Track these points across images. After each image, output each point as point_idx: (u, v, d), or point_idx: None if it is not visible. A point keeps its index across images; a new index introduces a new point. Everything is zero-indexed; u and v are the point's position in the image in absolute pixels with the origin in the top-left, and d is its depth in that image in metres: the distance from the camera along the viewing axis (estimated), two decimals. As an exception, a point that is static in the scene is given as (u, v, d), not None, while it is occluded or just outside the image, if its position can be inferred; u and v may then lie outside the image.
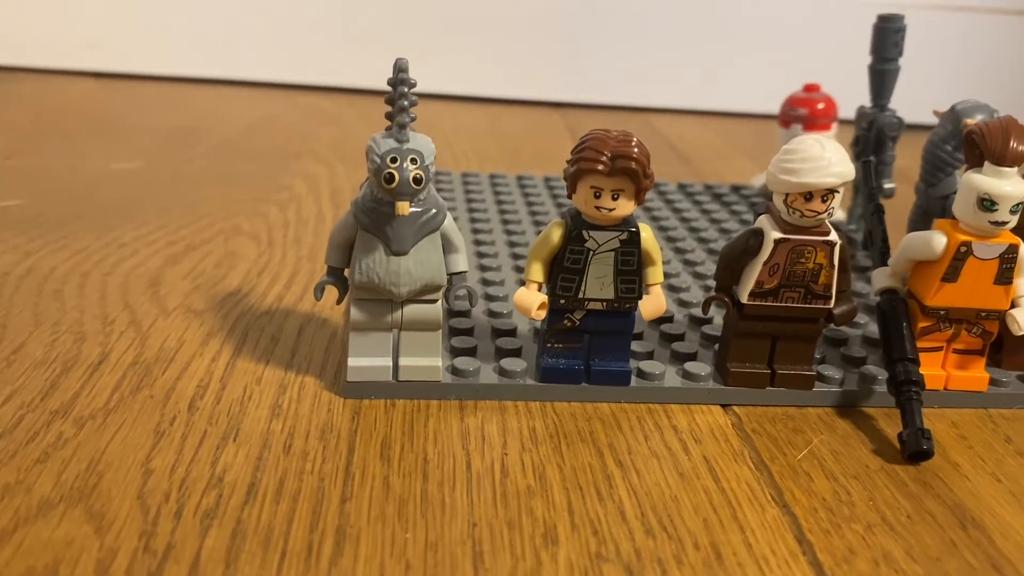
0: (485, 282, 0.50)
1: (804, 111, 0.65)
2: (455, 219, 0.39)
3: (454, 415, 0.39)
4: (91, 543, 0.29)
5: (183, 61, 1.07)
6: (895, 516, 0.34)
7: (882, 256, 0.46)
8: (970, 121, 0.50)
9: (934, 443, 0.38)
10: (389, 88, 0.36)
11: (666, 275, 0.53)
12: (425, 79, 1.06)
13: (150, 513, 0.31)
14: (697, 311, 0.48)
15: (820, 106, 0.65)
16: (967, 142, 0.40)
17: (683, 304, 0.49)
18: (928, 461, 0.38)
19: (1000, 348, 0.45)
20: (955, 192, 0.40)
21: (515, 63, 1.08)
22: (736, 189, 0.73)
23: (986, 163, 0.39)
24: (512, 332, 0.44)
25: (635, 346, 0.43)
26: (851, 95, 0.64)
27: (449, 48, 1.06)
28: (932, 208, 0.51)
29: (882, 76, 0.59)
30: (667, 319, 0.47)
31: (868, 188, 0.48)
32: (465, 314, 0.46)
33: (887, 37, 0.58)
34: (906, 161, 0.62)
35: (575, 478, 0.35)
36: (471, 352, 0.42)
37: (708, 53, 1.07)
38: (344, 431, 0.37)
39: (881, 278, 0.43)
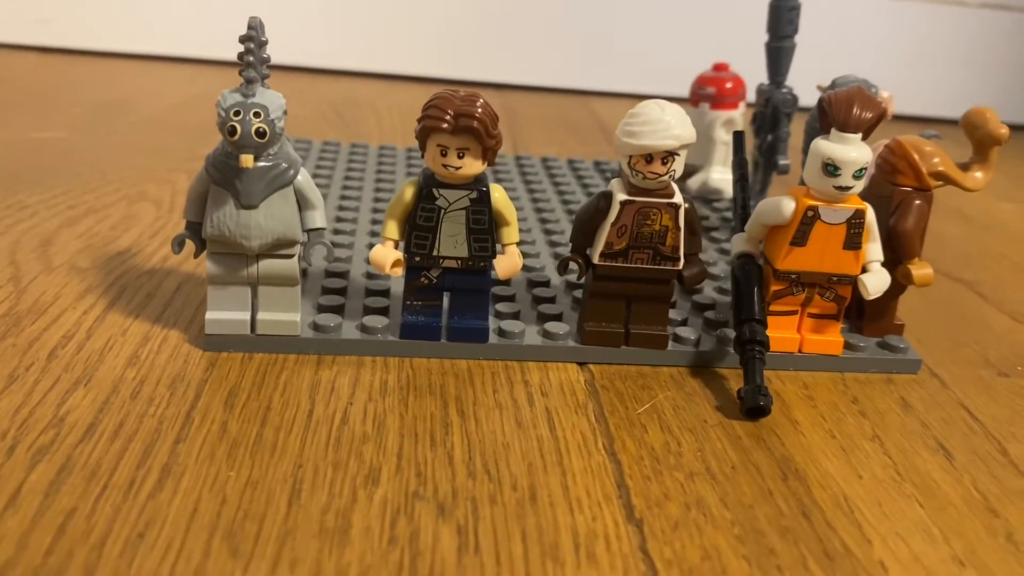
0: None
1: (712, 90, 0.66)
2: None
3: (309, 368, 0.40)
4: (-86, 474, 0.30)
5: (125, 38, 1.07)
6: (720, 467, 0.36)
7: (742, 222, 0.47)
8: (822, 86, 0.51)
9: (772, 400, 0.39)
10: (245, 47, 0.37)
11: (557, 244, 0.54)
12: (367, 58, 1.06)
13: (-18, 449, 0.32)
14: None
15: (728, 85, 0.66)
16: (819, 111, 0.41)
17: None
18: (768, 418, 0.39)
19: (863, 315, 0.46)
20: None
21: (457, 43, 1.08)
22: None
23: (832, 130, 0.40)
24: (385, 292, 0.45)
25: (502, 307, 0.44)
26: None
27: (387, 27, 1.06)
28: None
29: (778, 53, 0.60)
30: (542, 283, 0.48)
31: (735, 158, 0.50)
32: (343, 275, 0.46)
33: (782, 15, 0.59)
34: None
35: (413, 426, 0.36)
36: (337, 310, 0.43)
37: (647, 38, 1.08)
38: (195, 380, 0.38)
39: (738, 243, 0.44)
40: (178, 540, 0.29)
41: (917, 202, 0.43)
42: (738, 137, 0.50)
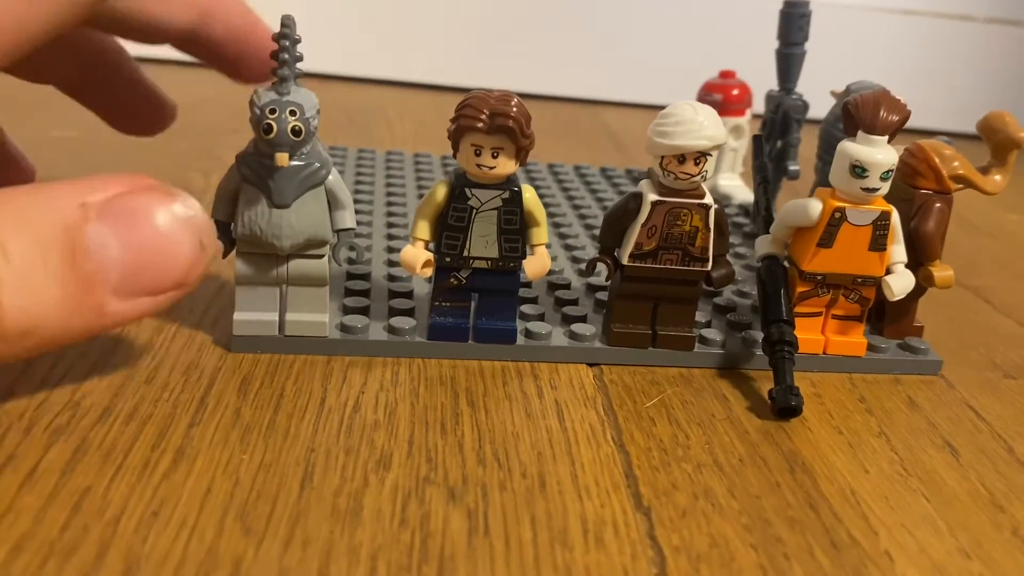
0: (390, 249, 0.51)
1: (718, 96, 0.65)
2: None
3: (322, 359, 0.40)
4: (-67, 451, 0.31)
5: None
6: (727, 459, 0.36)
7: (765, 224, 0.48)
8: (836, 92, 0.51)
9: (803, 400, 0.39)
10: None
11: (573, 248, 0.54)
12: (378, 65, 1.07)
13: (0, 429, 0.32)
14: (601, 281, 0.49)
15: (735, 92, 0.65)
16: (844, 114, 0.42)
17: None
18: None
19: (883, 317, 0.46)
20: None
21: (469, 51, 1.09)
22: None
23: (859, 132, 0.40)
24: (408, 294, 0.45)
25: (527, 308, 0.44)
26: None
27: (398, 35, 1.07)
28: (828, 184, 0.53)
29: (788, 60, 0.60)
30: (564, 285, 0.48)
31: (756, 162, 0.50)
32: (365, 277, 0.47)
33: (792, 22, 0.59)
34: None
35: (424, 415, 0.37)
36: (363, 311, 0.43)
37: (658, 48, 1.09)
38: (208, 368, 0.38)
39: (763, 245, 0.44)
40: (192, 518, 0.29)
41: (938, 205, 0.44)
42: (757, 141, 0.50)
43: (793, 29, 0.59)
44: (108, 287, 0.28)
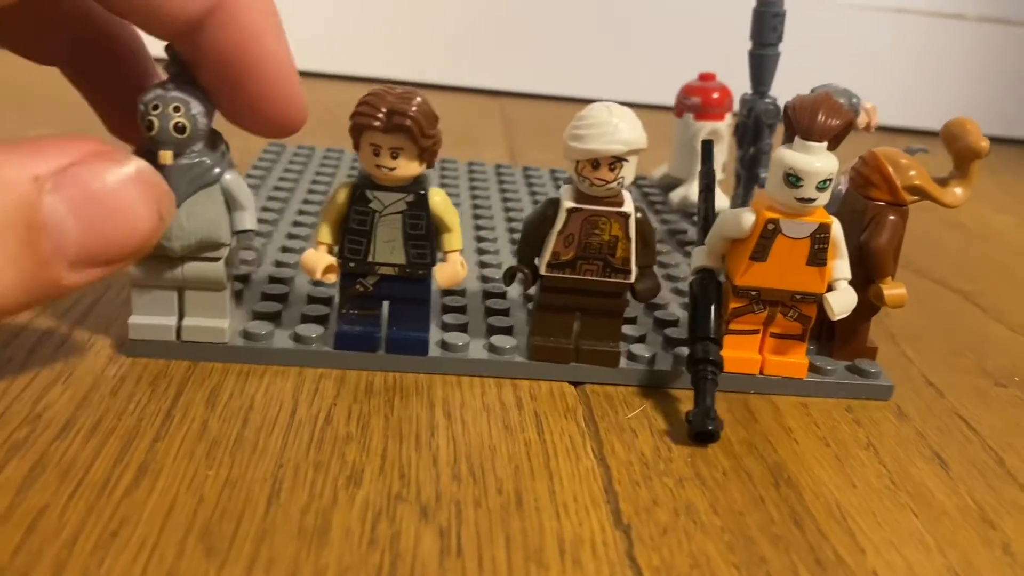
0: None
1: (697, 99, 0.63)
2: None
3: (293, 370, 0.39)
4: None
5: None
6: (710, 473, 0.35)
7: (704, 235, 0.45)
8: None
9: (722, 424, 0.36)
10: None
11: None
12: (363, 63, 1.06)
13: (-46, 444, 0.31)
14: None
15: (715, 95, 0.63)
16: (785, 118, 0.39)
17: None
18: (761, 425, 0.39)
19: (833, 336, 0.43)
20: None
21: (457, 50, 1.08)
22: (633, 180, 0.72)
23: (796, 138, 0.38)
24: (327, 300, 0.43)
25: (449, 318, 0.42)
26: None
27: (383, 32, 1.06)
28: None
29: (761, 62, 0.57)
30: (498, 295, 0.46)
31: (703, 167, 0.47)
32: (287, 281, 0.45)
33: (765, 21, 0.56)
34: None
35: (398, 427, 0.35)
36: (273, 317, 0.41)
37: (646, 46, 1.08)
38: (176, 378, 0.37)
39: (699, 257, 0.41)
40: (152, 539, 0.28)
41: (891, 218, 0.41)
42: (706, 146, 0.47)
43: (766, 29, 0.57)
44: (65, 263, 0.27)
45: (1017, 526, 0.34)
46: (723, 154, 0.63)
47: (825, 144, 0.37)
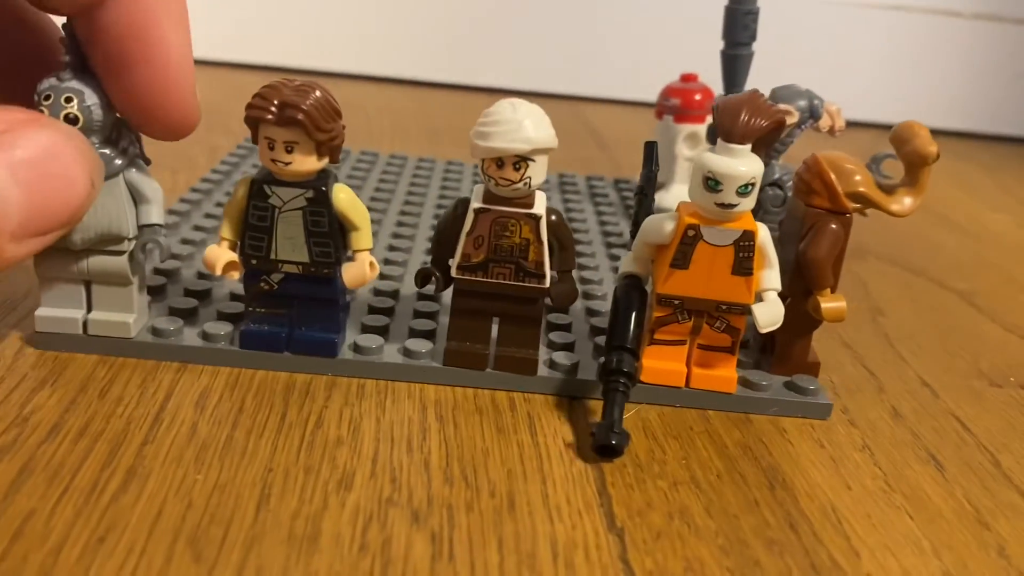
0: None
1: (677, 101, 0.62)
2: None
3: (285, 371, 0.39)
4: None
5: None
6: (704, 475, 0.35)
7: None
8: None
9: (627, 437, 0.35)
10: None
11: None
12: (357, 61, 1.05)
13: (-60, 448, 0.31)
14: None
15: (696, 97, 0.61)
16: (713, 118, 0.37)
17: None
18: (756, 426, 0.38)
19: (774, 350, 0.41)
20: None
21: (450, 47, 1.08)
22: (617, 183, 0.70)
23: (719, 140, 0.35)
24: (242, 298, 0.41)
25: (368, 320, 0.41)
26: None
27: (377, 30, 1.06)
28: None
29: (733, 62, 0.56)
30: (430, 297, 0.44)
31: (643, 170, 0.45)
32: (210, 278, 0.44)
33: (737, 20, 0.55)
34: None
35: (390, 430, 0.35)
36: (187, 313, 0.40)
37: (639, 44, 1.07)
38: (166, 380, 0.37)
39: (626, 263, 0.40)
40: (140, 545, 0.27)
41: (832, 226, 0.39)
42: (648, 148, 0.45)
43: (738, 28, 0.55)
44: (6, 235, 0.26)
45: (1012, 528, 0.34)
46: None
47: (748, 146, 0.35)
